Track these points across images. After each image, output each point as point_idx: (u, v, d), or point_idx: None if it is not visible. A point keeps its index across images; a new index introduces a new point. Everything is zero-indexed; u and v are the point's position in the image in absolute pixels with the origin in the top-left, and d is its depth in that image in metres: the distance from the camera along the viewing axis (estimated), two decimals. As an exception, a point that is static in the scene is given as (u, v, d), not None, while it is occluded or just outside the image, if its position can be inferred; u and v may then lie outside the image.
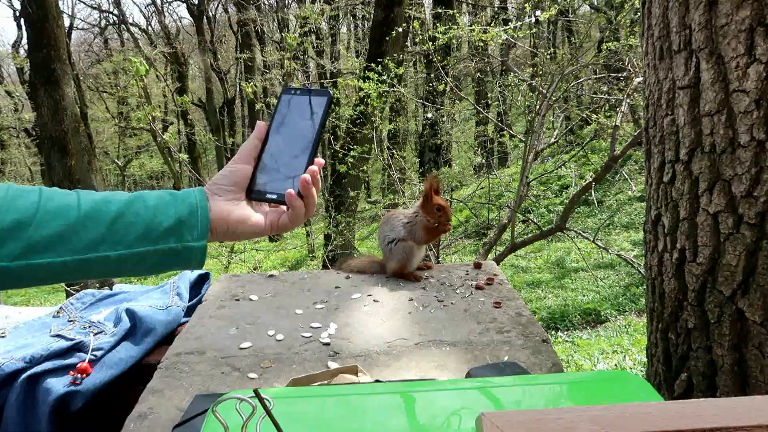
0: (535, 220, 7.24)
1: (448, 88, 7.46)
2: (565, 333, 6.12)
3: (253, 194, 0.96)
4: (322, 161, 0.97)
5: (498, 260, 5.09)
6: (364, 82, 6.62)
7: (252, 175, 0.97)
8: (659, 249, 1.52)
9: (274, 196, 0.95)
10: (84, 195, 0.85)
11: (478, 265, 2.22)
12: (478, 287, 1.96)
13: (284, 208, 0.97)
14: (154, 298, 1.93)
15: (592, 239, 5.08)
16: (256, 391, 0.70)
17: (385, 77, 6.56)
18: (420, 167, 12.14)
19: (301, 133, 0.98)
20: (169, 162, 7.54)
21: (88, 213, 0.82)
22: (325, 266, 8.01)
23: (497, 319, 1.71)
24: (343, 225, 7.62)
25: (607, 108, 6.34)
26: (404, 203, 6.23)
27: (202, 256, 0.90)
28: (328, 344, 1.60)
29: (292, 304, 1.88)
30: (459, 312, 1.77)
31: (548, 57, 6.49)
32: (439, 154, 12.14)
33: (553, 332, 6.20)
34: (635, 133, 4.81)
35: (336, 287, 2.04)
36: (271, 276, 2.18)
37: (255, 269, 8.31)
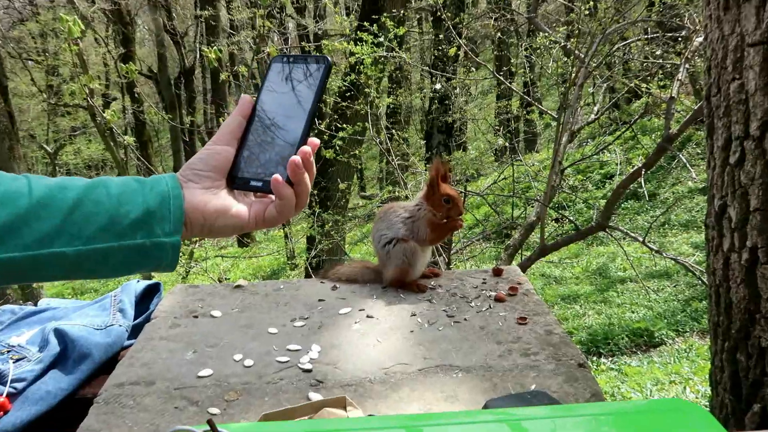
0: (570, 218, 7.26)
1: (461, 53, 7.46)
2: (610, 359, 6.14)
3: (235, 182, 0.99)
4: (317, 141, 0.99)
5: (524, 266, 5.11)
6: (356, 45, 6.63)
7: (234, 159, 0.99)
8: (724, 248, 1.52)
9: (260, 184, 0.98)
10: (35, 180, 0.86)
11: (498, 272, 2.22)
12: (499, 299, 1.97)
13: (272, 197, 1.00)
14: (90, 315, 1.92)
15: (642, 240, 5.09)
16: (210, 423, 0.70)
17: (381, 39, 6.57)
18: (427, 152, 12.14)
19: (293, 108, 1.01)
20: (112, 147, 7.53)
21: (41, 200, 0.83)
22: (307, 275, 8.01)
23: (522, 338, 1.71)
24: (330, 225, 7.63)
25: (661, 76, 6.36)
26: (407, 197, 6.25)
27: (175, 255, 0.92)
28: (309, 371, 1.61)
29: (264, 322, 1.88)
30: (474, 330, 1.78)
31: (587, 13, 6.49)
32: (451, 135, 12.14)
33: (594, 358, 6.22)
34: (696, 107, 4.81)
35: (320, 300, 2.04)
36: (239, 287, 2.17)
37: (220, 280, 8.32)
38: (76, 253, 0.83)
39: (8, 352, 1.73)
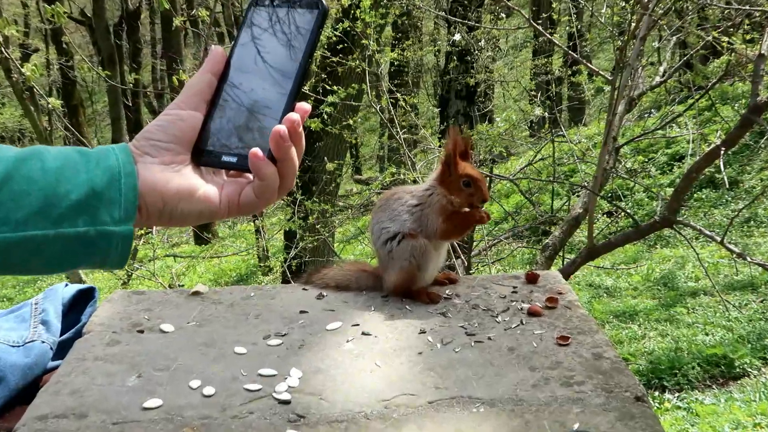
0: (627, 211, 7.26)
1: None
2: (676, 394, 6.18)
3: (203, 156, 1.01)
4: (308, 107, 1.01)
5: (566, 273, 5.12)
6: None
7: (202, 128, 1.01)
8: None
9: (234, 160, 1.00)
10: None
11: (532, 278, 2.22)
12: (533, 312, 1.97)
13: (249, 176, 1.02)
14: (5, 328, 1.92)
15: (720, 241, 5.09)
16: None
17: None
18: (441, 123, 12.10)
19: (278, 65, 1.02)
20: (32, 112, 7.51)
21: None
22: (285, 280, 8.02)
23: (562, 363, 1.72)
24: (315, 217, 7.65)
25: (747, 27, 6.34)
26: (415, 181, 6.26)
27: (126, 248, 0.95)
28: (287, 402, 1.61)
29: (229, 339, 1.88)
30: (501, 352, 1.78)
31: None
32: (473, 102, 12.11)
33: (655, 393, 6.25)
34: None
35: (301, 312, 2.03)
36: (196, 294, 2.17)
37: (171, 286, 8.34)
38: (1, 242, 0.84)
39: None
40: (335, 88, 7.14)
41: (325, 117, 7.07)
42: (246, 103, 1.01)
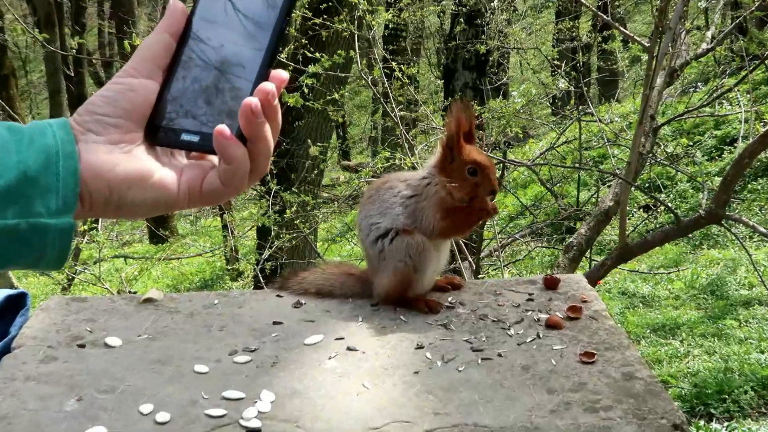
0: (667, 204, 7.28)
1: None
2: (725, 423, 6.19)
3: (159, 134, 1.02)
4: (285, 75, 1.02)
5: (593, 277, 5.14)
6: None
7: (157, 100, 1.02)
8: None
9: (196, 139, 1.01)
10: None
11: (552, 283, 2.23)
12: (552, 324, 1.98)
13: (213, 159, 1.03)
14: None
15: (777, 240, 5.11)
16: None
17: None
18: (446, 98, 12.07)
19: (249, 24, 1.03)
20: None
21: None
22: (257, 285, 8.00)
23: (587, 385, 1.73)
24: (294, 210, 7.64)
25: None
26: (414, 168, 6.26)
27: (65, 244, 0.95)
28: (257, 431, 1.61)
29: (188, 355, 1.89)
30: (513, 371, 1.79)
31: None
32: (484, 73, 12.09)
33: (700, 421, 6.26)
34: None
35: (275, 323, 2.04)
36: (149, 301, 2.18)
37: (120, 292, 8.33)
38: None
39: None
40: (318, 55, 7.12)
41: (306, 91, 7.04)
42: (210, 70, 1.02)
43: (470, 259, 5.93)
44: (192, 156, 1.04)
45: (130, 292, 8.76)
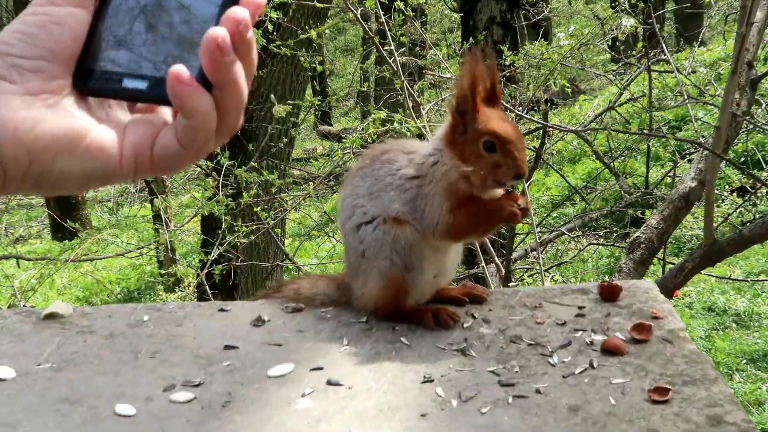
0: (772, 186, 7.29)
1: None
2: None
3: (92, 81, 1.03)
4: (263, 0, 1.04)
5: (669, 285, 5.12)
6: None
7: (90, 35, 1.03)
8: None
9: (143, 85, 1.02)
10: None
11: (610, 292, 2.27)
12: (610, 348, 2.02)
13: (166, 113, 1.06)
14: None
15: None
16: None
17: None
18: (465, 39, 11.95)
19: None
20: None
21: None
22: (203, 296, 7.94)
23: (658, 431, 1.75)
24: (253, 194, 7.59)
25: None
26: (420, 136, 6.24)
27: None
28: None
29: (106, 392, 1.90)
30: (557, 413, 1.82)
31: None
32: (517, 3, 11.99)
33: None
34: None
35: (228, 347, 2.08)
36: (53, 317, 2.19)
37: (11, 306, 8.30)
38: None
39: None
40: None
41: (271, 28, 7.04)
42: None
43: (498, 261, 5.93)
44: (138, 109, 1.06)
45: (25, 306, 8.74)
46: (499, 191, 2.28)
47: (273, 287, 2.63)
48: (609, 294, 2.26)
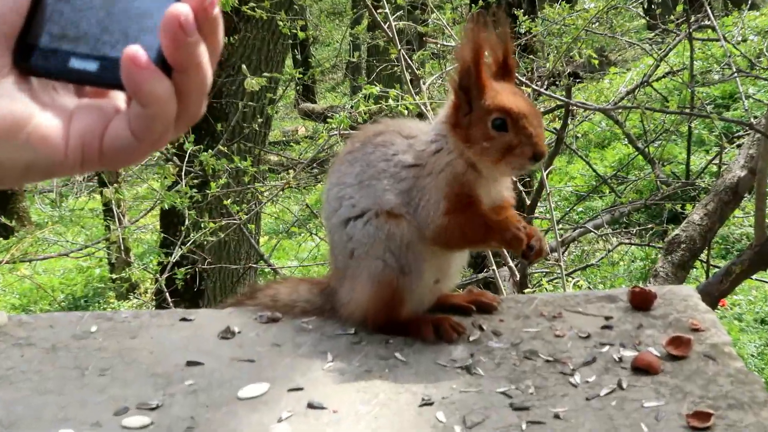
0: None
1: None
2: None
3: (34, 59, 1.04)
4: None
5: (712, 292, 5.12)
6: None
7: (33, 7, 1.04)
8: None
9: (93, 66, 1.04)
10: None
11: (642, 300, 2.25)
12: (642, 366, 2.00)
13: (119, 99, 1.07)
14: None
15: None
16: None
17: None
18: (472, 1, 11.92)
19: None
20: None
21: None
22: (162, 304, 7.98)
23: (700, 464, 1.73)
24: (222, 184, 7.58)
25: None
26: (421, 115, 6.24)
27: None
28: None
29: (47, 414, 1.88)
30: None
31: None
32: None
33: None
34: None
35: (191, 363, 2.07)
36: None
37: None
38: None
39: None
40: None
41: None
42: None
43: (511, 264, 5.93)
44: (87, 93, 1.07)
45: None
46: (507, 189, 2.28)
47: (246, 293, 2.64)
48: (641, 302, 2.25)
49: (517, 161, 2.10)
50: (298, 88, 20.35)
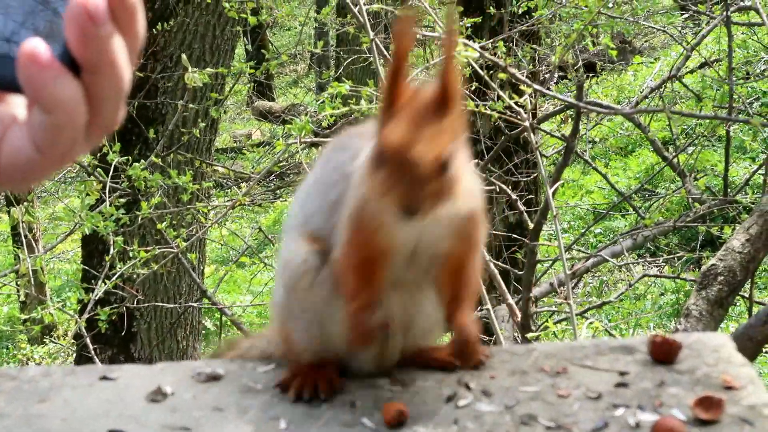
0: None
1: None
2: None
3: None
4: None
5: (755, 336, 5.14)
6: None
7: None
8: None
9: None
10: None
11: (664, 351, 2.26)
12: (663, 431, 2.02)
13: (17, 105, 1.09)
14: None
15: None
16: None
17: None
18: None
19: None
20: None
21: None
22: (82, 352, 7.87)
23: None
24: (155, 203, 7.56)
25: None
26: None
27: None
28: None
29: None
30: None
31: None
32: None
33: None
34: None
35: (111, 434, 2.07)
36: None
37: None
38: None
39: None
40: None
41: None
42: None
43: (511, 301, 5.94)
44: None
45: None
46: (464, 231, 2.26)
47: (225, 346, 2.64)
48: (663, 353, 2.26)
49: (391, 209, 1.96)
50: (251, 83, 20.39)
